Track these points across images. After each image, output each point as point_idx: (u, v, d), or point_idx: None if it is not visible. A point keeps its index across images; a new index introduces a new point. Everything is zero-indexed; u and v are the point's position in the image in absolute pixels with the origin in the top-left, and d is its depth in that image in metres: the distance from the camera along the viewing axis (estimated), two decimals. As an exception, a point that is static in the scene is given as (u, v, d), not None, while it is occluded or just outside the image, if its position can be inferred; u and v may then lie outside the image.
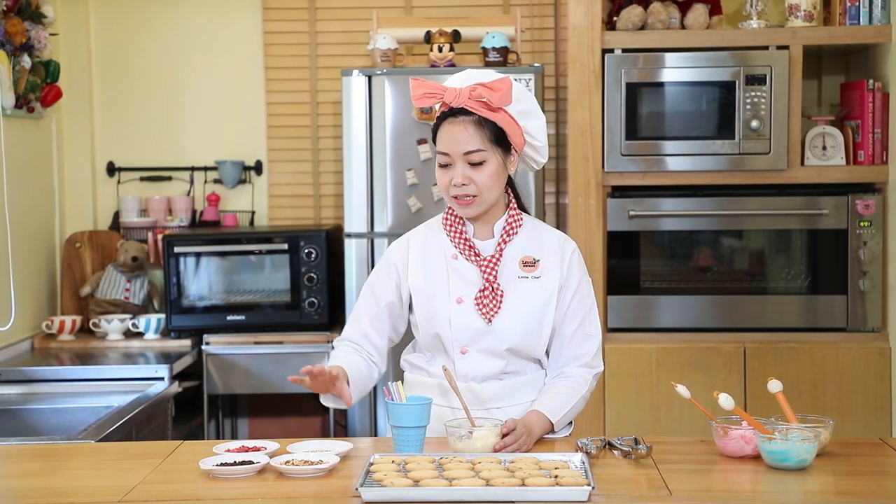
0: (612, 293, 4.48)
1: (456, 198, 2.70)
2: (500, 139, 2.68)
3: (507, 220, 2.76)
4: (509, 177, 2.77)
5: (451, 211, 2.79)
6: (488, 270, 2.72)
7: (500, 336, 2.71)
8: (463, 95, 2.65)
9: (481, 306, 2.70)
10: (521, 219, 2.79)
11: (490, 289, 2.71)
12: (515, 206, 2.80)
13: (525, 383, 2.77)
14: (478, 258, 2.74)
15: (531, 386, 2.77)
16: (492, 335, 2.71)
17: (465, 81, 2.70)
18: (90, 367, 4.23)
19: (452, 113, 2.67)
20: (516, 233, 2.76)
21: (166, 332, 4.69)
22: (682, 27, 4.54)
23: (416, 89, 2.69)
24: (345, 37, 5.12)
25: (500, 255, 2.74)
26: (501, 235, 2.75)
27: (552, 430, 2.71)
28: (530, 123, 2.72)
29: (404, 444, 2.54)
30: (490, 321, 2.70)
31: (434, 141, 2.73)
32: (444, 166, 2.70)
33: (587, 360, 2.78)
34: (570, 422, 2.82)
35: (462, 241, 2.75)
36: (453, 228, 2.77)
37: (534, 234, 2.79)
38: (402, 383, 2.64)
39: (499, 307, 2.70)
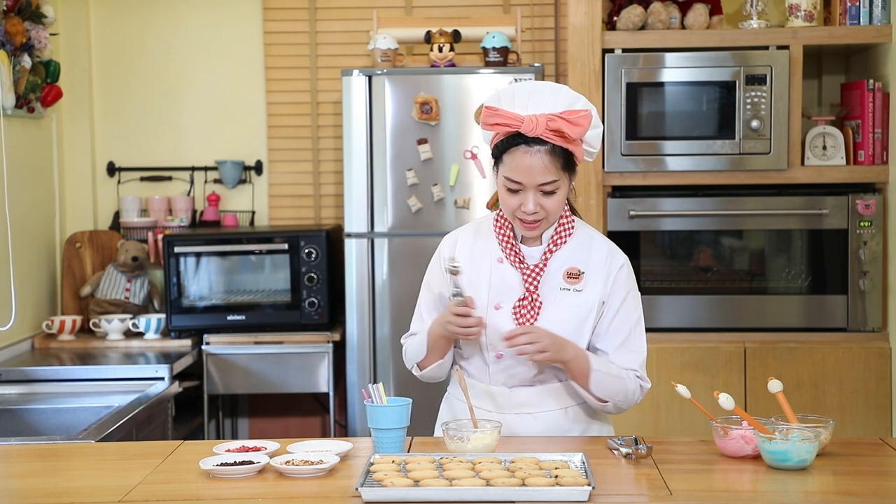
0: (612, 293, 4.48)
1: (522, 221, 2.66)
2: (570, 163, 2.64)
3: (555, 229, 2.73)
4: None
5: (502, 213, 2.76)
6: (530, 279, 2.70)
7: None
8: (541, 126, 2.57)
9: (518, 316, 2.69)
10: (573, 227, 2.75)
11: (529, 298, 2.69)
12: (569, 211, 2.76)
13: (561, 389, 2.73)
14: (522, 265, 2.71)
15: (567, 392, 2.74)
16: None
17: (540, 106, 2.61)
18: (90, 367, 4.23)
19: (526, 141, 2.60)
20: (565, 242, 2.73)
21: (166, 332, 4.70)
22: (683, 27, 4.54)
23: (490, 118, 2.62)
24: (345, 37, 5.12)
25: (545, 265, 2.71)
26: (548, 244, 2.72)
27: (587, 378, 2.65)
28: (590, 133, 2.67)
29: (384, 446, 2.54)
30: None
31: (496, 157, 2.66)
32: (512, 191, 2.64)
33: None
34: (607, 418, 2.79)
35: (509, 245, 2.73)
36: (502, 232, 2.75)
37: (583, 245, 2.74)
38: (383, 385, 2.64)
39: (535, 319, 2.68)
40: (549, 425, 2.74)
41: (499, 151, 2.65)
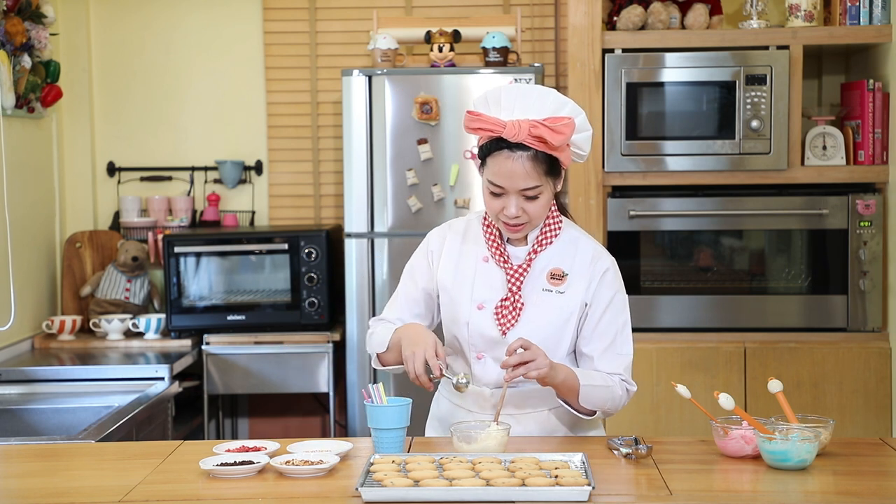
0: (612, 293, 4.47)
1: (505, 223, 2.65)
2: (554, 168, 2.62)
3: (541, 230, 2.71)
4: None
5: None
6: (514, 279, 2.68)
7: None
8: (523, 132, 2.55)
9: (500, 316, 2.68)
10: (559, 227, 2.73)
11: (511, 299, 2.68)
12: (556, 211, 2.74)
13: (541, 392, 2.71)
14: (506, 265, 2.70)
15: (548, 395, 2.71)
16: (504, 346, 2.66)
17: (525, 111, 2.58)
18: (90, 367, 4.23)
19: (508, 146, 2.57)
20: (550, 242, 2.71)
21: (166, 332, 4.70)
22: (683, 27, 4.55)
23: (471, 122, 2.60)
24: (345, 37, 5.12)
25: (529, 265, 2.69)
26: (533, 245, 2.71)
27: (576, 395, 2.63)
28: (578, 136, 2.65)
29: (384, 446, 2.54)
30: (504, 334, 2.67)
31: (481, 159, 2.64)
32: (495, 194, 2.63)
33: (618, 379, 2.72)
34: (599, 420, 2.77)
35: (495, 245, 2.72)
36: (490, 231, 2.74)
37: (569, 246, 2.73)
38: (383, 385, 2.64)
39: (516, 320, 2.67)
40: (533, 427, 2.73)
41: (483, 154, 2.64)
